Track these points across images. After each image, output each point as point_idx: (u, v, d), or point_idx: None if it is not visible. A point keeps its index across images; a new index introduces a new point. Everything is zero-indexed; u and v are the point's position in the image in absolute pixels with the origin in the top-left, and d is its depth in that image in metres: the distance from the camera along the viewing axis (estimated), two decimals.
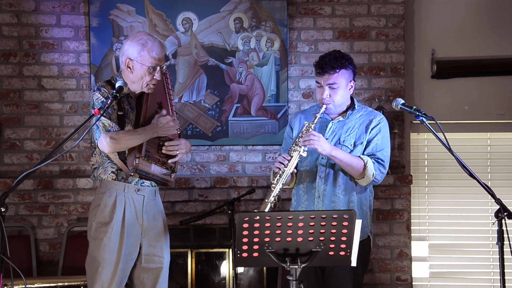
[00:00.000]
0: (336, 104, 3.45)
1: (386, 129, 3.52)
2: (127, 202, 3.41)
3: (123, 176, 3.42)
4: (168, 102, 3.55)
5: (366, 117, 3.52)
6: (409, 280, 4.99)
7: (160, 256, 3.50)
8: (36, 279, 4.50)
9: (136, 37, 3.42)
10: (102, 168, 3.43)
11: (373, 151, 3.46)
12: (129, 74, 3.42)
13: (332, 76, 3.40)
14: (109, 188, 3.42)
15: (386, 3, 5.12)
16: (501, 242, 2.95)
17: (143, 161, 3.36)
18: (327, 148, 3.33)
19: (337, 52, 3.46)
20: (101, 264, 3.36)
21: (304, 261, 2.82)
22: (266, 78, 5.05)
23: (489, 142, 5.26)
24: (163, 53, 3.43)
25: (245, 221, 2.75)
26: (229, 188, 4.89)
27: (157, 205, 3.55)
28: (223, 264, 4.94)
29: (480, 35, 5.22)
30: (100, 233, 3.39)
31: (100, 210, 3.41)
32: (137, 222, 3.43)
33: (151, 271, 3.48)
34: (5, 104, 4.97)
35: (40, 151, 4.96)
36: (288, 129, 3.67)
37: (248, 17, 5.06)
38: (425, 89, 5.22)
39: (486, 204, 5.12)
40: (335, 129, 3.50)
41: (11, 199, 4.73)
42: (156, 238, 3.49)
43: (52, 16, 5.00)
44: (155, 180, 3.47)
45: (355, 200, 3.46)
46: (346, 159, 3.37)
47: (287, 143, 3.62)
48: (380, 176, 3.44)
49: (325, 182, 3.45)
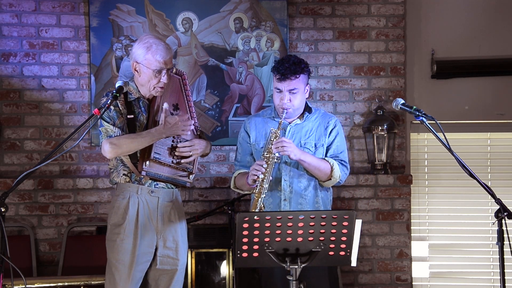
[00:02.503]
0: (295, 108, 3.53)
1: (342, 130, 3.66)
2: (140, 204, 3.42)
3: (136, 178, 3.43)
4: (186, 103, 3.55)
5: (321, 119, 3.62)
6: (409, 280, 4.99)
7: (175, 258, 3.49)
8: (36, 279, 4.50)
9: (142, 40, 3.44)
10: (116, 171, 3.46)
11: (335, 153, 3.57)
12: (137, 78, 3.45)
13: (293, 82, 3.47)
14: (123, 191, 3.44)
15: (386, 3, 5.12)
16: (501, 242, 2.95)
17: (154, 163, 3.36)
18: (297, 153, 3.41)
19: (294, 57, 3.52)
20: (115, 265, 3.39)
21: (304, 261, 2.83)
22: (266, 78, 5.05)
23: (489, 142, 5.25)
24: (169, 56, 3.42)
25: (245, 221, 2.76)
26: (229, 188, 4.88)
27: (175, 207, 3.54)
28: (223, 264, 4.94)
29: (480, 35, 5.22)
30: (114, 235, 3.42)
31: (114, 212, 3.44)
32: (151, 224, 3.44)
33: (165, 273, 3.48)
34: (5, 104, 4.97)
35: (40, 151, 4.96)
36: (243, 134, 3.70)
37: (248, 17, 5.06)
38: (425, 89, 5.22)
39: (486, 204, 5.12)
40: (294, 132, 3.57)
41: (11, 199, 4.73)
42: (172, 240, 3.49)
43: (52, 16, 5.00)
44: (169, 181, 3.47)
45: (320, 200, 3.55)
46: (314, 163, 3.47)
47: (244, 147, 3.67)
48: (344, 177, 3.57)
49: (290, 184, 3.50)
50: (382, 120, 4.94)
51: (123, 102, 3.42)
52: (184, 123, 3.43)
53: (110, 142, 3.30)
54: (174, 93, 3.51)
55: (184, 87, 3.56)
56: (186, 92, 3.56)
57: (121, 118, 3.39)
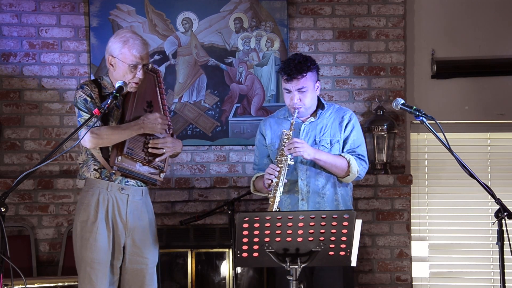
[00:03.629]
0: (306, 107, 3.50)
1: (358, 123, 3.59)
2: (110, 201, 3.37)
3: (107, 174, 3.38)
4: (160, 101, 3.50)
5: (336, 114, 3.57)
6: (409, 280, 4.99)
7: (144, 257, 3.44)
8: (36, 279, 4.50)
9: (119, 34, 3.42)
10: (86, 166, 3.41)
11: (352, 147, 3.52)
12: (112, 72, 3.41)
13: (300, 81, 3.43)
14: (92, 187, 3.39)
15: (386, 3, 5.12)
16: (501, 242, 2.95)
17: (126, 159, 3.32)
18: (311, 152, 3.38)
19: (299, 56, 3.49)
20: (90, 265, 3.33)
21: (304, 261, 2.83)
22: (266, 78, 5.05)
23: (489, 142, 5.25)
24: (145, 51, 3.38)
25: (245, 221, 2.76)
26: (229, 188, 4.89)
27: (145, 205, 3.49)
28: (223, 264, 4.94)
29: (480, 35, 5.22)
30: (86, 233, 3.35)
31: (83, 209, 3.37)
32: (120, 222, 3.39)
33: (135, 272, 3.43)
34: (5, 104, 4.97)
35: (40, 151, 4.96)
36: (259, 137, 3.68)
37: (248, 17, 5.06)
38: (425, 89, 5.21)
39: (486, 204, 5.12)
40: (308, 131, 3.54)
41: (11, 199, 4.73)
42: (140, 238, 3.44)
43: (52, 16, 5.00)
44: (140, 179, 3.42)
45: (339, 197, 3.51)
46: (330, 160, 3.42)
47: (261, 150, 3.65)
48: (363, 171, 3.52)
49: (307, 184, 3.48)
50: (382, 120, 4.94)
51: (97, 95, 3.39)
52: (164, 120, 3.40)
53: (91, 132, 3.24)
54: (148, 90, 3.45)
55: (158, 84, 3.50)
56: (160, 90, 3.50)
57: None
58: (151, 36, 5.00)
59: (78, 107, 3.37)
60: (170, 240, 4.94)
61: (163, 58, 5.02)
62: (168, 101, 4.99)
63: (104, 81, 3.44)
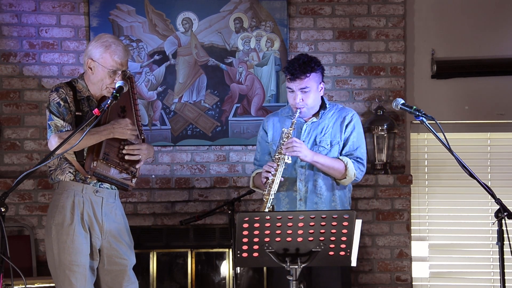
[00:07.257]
0: (309, 107, 3.51)
1: (359, 124, 3.60)
2: (85, 203, 3.37)
3: (81, 177, 3.37)
4: (132, 106, 3.48)
5: (338, 114, 3.59)
6: (409, 280, 4.99)
7: (122, 258, 3.44)
8: (36, 279, 4.50)
9: (101, 38, 3.39)
10: (59, 169, 3.39)
11: (351, 150, 3.53)
12: (90, 75, 3.40)
13: (303, 81, 3.44)
14: (67, 189, 3.37)
15: (386, 3, 5.12)
16: (501, 242, 2.95)
17: (101, 164, 3.32)
18: (309, 154, 3.39)
19: (304, 56, 3.50)
20: (69, 267, 3.31)
21: (304, 261, 2.83)
22: (266, 78, 5.05)
23: (489, 142, 5.25)
24: (126, 58, 3.39)
25: (245, 221, 2.76)
26: (229, 188, 4.89)
27: (117, 208, 3.50)
28: (223, 264, 4.94)
29: (480, 35, 5.21)
30: (62, 236, 3.33)
31: (58, 211, 3.36)
32: (96, 224, 3.39)
33: (115, 273, 3.42)
34: (5, 104, 4.97)
35: (40, 151, 4.96)
36: (262, 133, 3.69)
37: (248, 17, 5.06)
38: (425, 89, 5.21)
39: (486, 204, 5.11)
40: (310, 131, 3.55)
41: (11, 199, 4.73)
42: (117, 240, 3.44)
43: (52, 16, 5.00)
44: (114, 184, 3.43)
45: (337, 199, 3.52)
46: (328, 163, 3.44)
47: (263, 146, 3.67)
48: (360, 174, 3.53)
49: (305, 184, 3.49)
50: (382, 120, 4.94)
51: (72, 99, 3.37)
52: (134, 126, 3.39)
53: (59, 137, 3.24)
54: (122, 95, 3.39)
55: (132, 90, 3.48)
56: (133, 96, 3.49)
57: (70, 114, 3.35)
58: (151, 36, 5.00)
59: (50, 110, 3.35)
60: (170, 240, 4.94)
61: (163, 58, 5.02)
62: (168, 101, 5.00)
63: (79, 84, 3.42)
